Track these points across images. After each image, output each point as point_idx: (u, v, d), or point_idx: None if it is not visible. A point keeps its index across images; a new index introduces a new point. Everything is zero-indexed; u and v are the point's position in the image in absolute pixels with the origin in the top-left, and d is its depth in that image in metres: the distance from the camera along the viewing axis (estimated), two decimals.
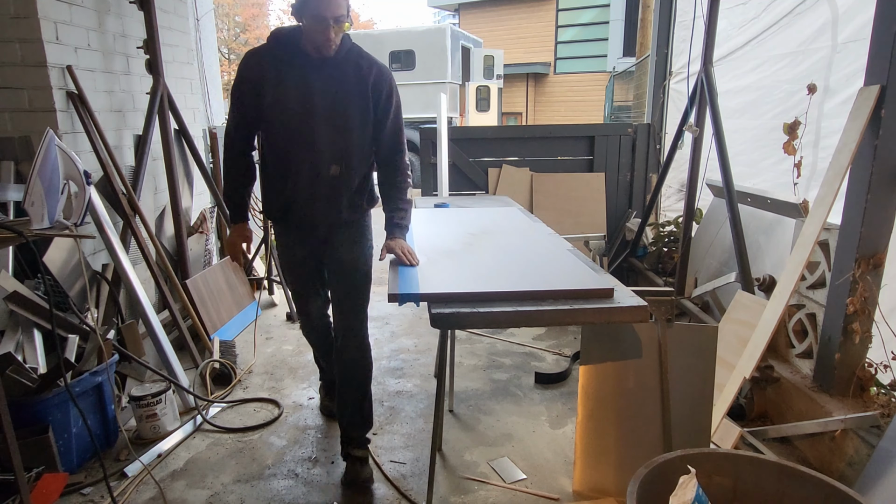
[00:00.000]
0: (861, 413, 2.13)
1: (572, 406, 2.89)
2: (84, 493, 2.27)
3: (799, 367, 2.64)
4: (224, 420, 2.82)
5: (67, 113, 2.98)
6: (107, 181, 3.09)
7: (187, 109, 4.17)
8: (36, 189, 2.27)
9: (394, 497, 2.24)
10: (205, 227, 4.07)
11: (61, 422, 2.30)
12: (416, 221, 2.92)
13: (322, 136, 2.10)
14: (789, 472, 1.59)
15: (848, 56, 2.75)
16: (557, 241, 2.39)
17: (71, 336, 2.62)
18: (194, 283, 3.58)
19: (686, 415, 2.02)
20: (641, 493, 1.48)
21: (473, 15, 20.79)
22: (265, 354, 3.59)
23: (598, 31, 18.78)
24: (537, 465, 2.42)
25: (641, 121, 5.63)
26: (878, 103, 2.10)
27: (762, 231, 3.16)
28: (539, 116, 20.16)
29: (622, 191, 4.90)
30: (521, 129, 7.00)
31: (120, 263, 2.92)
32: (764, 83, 3.43)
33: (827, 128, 2.87)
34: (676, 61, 4.57)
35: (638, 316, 1.70)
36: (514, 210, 3.17)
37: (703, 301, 3.49)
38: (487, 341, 3.76)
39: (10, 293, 2.49)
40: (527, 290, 1.77)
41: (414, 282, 1.86)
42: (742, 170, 3.44)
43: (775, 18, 3.30)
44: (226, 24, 24.10)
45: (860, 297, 2.21)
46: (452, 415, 2.84)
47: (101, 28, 3.28)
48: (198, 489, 2.30)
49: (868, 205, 2.14)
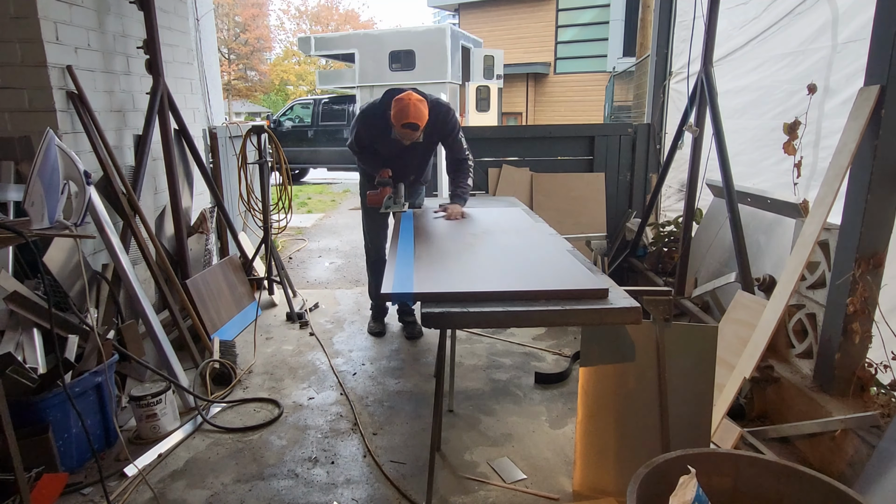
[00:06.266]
0: (861, 413, 2.13)
1: (572, 406, 2.89)
2: (84, 493, 2.27)
3: (799, 367, 2.64)
4: (224, 420, 2.82)
5: (67, 113, 2.98)
6: (107, 181, 3.09)
7: (187, 109, 4.17)
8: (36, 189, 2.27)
9: (394, 497, 2.24)
10: (205, 227, 4.07)
11: (61, 422, 2.29)
12: (418, 222, 2.93)
13: (405, 166, 3.38)
14: (789, 472, 1.59)
15: (848, 56, 2.75)
16: (557, 242, 2.39)
17: (71, 336, 2.62)
18: (194, 283, 3.58)
19: (686, 415, 2.02)
20: (641, 493, 1.48)
21: (473, 15, 20.80)
22: (265, 354, 3.59)
23: (598, 31, 18.79)
24: (537, 465, 2.42)
25: (641, 121, 5.63)
26: (878, 103, 2.09)
27: (762, 231, 3.16)
28: (539, 116, 20.17)
29: (622, 191, 4.90)
30: (521, 129, 7.01)
31: (120, 263, 2.92)
32: (764, 83, 3.43)
33: (827, 128, 2.87)
34: (676, 61, 4.57)
35: (630, 317, 1.69)
36: (516, 210, 3.18)
37: (703, 301, 3.49)
38: (487, 341, 3.76)
39: (10, 293, 2.48)
40: (520, 290, 1.77)
41: (408, 281, 1.86)
42: (742, 170, 3.44)
43: (775, 18, 3.30)
44: (226, 24, 24.10)
45: (860, 297, 2.21)
46: (452, 415, 2.84)
47: (101, 28, 3.28)
48: (198, 489, 2.30)
49: (868, 205, 2.14)
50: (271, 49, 28.32)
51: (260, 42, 26.36)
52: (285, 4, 58.07)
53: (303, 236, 7.24)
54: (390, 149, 3.28)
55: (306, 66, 27.24)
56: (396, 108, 2.96)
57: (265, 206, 4.39)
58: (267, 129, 4.29)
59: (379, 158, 3.37)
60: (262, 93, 27.49)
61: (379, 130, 3.22)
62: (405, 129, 2.99)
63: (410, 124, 2.95)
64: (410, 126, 2.96)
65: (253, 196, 4.47)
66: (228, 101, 24.53)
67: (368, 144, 3.35)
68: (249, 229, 5.07)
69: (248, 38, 25.35)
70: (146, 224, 3.29)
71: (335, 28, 28.17)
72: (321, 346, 3.70)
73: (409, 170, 3.44)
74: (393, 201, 3.23)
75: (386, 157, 3.35)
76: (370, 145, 3.36)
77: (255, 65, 26.32)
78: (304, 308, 4.31)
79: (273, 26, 28.70)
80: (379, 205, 3.25)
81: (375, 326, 3.94)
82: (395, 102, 2.98)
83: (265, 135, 4.30)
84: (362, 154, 3.42)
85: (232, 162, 4.84)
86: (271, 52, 28.46)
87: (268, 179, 4.45)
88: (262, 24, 26.44)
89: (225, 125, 4.93)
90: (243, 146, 4.37)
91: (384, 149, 3.32)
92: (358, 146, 3.38)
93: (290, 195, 4.45)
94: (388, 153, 3.33)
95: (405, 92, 3.03)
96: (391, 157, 3.34)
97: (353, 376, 3.28)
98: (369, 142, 3.33)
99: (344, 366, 3.42)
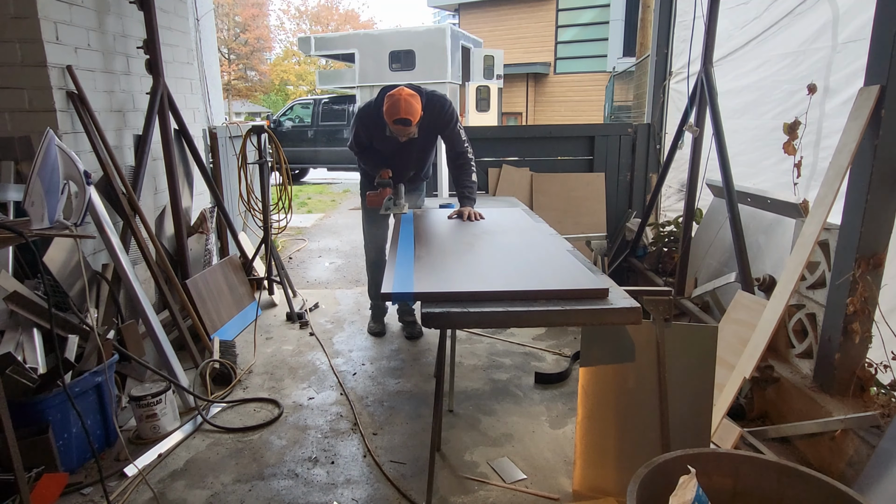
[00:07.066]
0: (861, 413, 2.13)
1: (572, 406, 2.89)
2: (84, 493, 2.27)
3: (799, 367, 2.64)
4: (224, 420, 2.82)
5: (67, 113, 2.98)
6: (107, 181, 3.09)
7: (187, 109, 4.17)
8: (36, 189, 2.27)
9: (394, 497, 2.24)
10: (205, 227, 4.07)
11: (61, 422, 2.29)
12: (418, 222, 2.92)
13: (404, 163, 3.39)
14: (789, 472, 1.59)
15: (848, 56, 2.74)
16: (557, 242, 2.39)
17: (71, 336, 2.62)
18: (194, 283, 3.58)
19: (686, 415, 2.02)
20: (641, 493, 1.48)
21: (473, 15, 20.80)
22: (265, 354, 3.59)
23: (598, 31, 18.79)
24: (537, 465, 2.42)
25: (641, 121, 5.63)
26: (878, 103, 2.09)
27: (762, 231, 3.16)
28: (539, 116, 20.17)
29: (622, 191, 4.90)
30: (521, 129, 7.01)
31: (120, 263, 2.92)
32: (764, 83, 3.43)
33: (827, 128, 2.87)
34: (676, 61, 4.56)
35: (630, 317, 1.69)
36: (517, 210, 3.18)
37: (703, 301, 3.49)
38: (487, 341, 3.76)
39: (10, 293, 2.48)
40: (520, 289, 1.76)
41: (408, 281, 1.86)
42: (742, 170, 3.43)
43: (776, 18, 3.30)
44: (226, 24, 24.10)
45: (860, 297, 2.21)
46: (452, 415, 2.84)
47: (101, 28, 3.28)
48: (198, 489, 2.30)
49: (868, 205, 2.14)
50: (271, 49, 28.35)
51: (260, 42, 26.37)
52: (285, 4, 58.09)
53: (303, 236, 7.24)
54: (388, 146, 3.27)
55: (306, 66, 27.25)
56: (388, 104, 2.92)
57: (265, 206, 4.39)
58: (267, 129, 4.29)
59: (379, 158, 3.35)
60: (262, 93, 27.49)
61: (376, 128, 3.20)
62: (398, 126, 2.95)
63: (402, 120, 2.90)
64: (402, 122, 2.91)
65: (253, 196, 4.47)
66: (228, 101, 24.54)
67: (367, 144, 3.34)
68: (249, 229, 5.08)
69: (248, 38, 25.35)
70: (146, 224, 3.29)
71: (335, 28, 28.18)
72: (321, 346, 3.70)
73: (409, 166, 3.43)
74: (393, 202, 3.21)
75: (385, 155, 3.34)
76: (369, 144, 3.35)
77: (255, 65, 26.32)
78: (304, 308, 4.31)
79: (273, 26, 28.74)
80: (379, 206, 3.24)
81: (375, 326, 3.94)
82: (387, 99, 2.94)
83: (265, 135, 4.31)
84: (363, 154, 3.41)
85: (232, 162, 4.84)
86: (271, 52, 28.49)
87: (268, 179, 4.45)
88: (262, 24, 26.44)
89: (225, 125, 4.93)
90: (243, 146, 4.37)
91: (383, 146, 3.30)
92: (358, 146, 3.38)
93: (290, 195, 4.45)
94: (387, 151, 3.32)
95: (397, 88, 2.99)
96: (390, 155, 3.33)
97: (353, 376, 3.28)
98: (368, 141, 3.32)
99: (344, 366, 3.42)
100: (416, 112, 2.92)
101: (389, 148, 3.28)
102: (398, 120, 2.91)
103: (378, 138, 3.25)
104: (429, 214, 3.14)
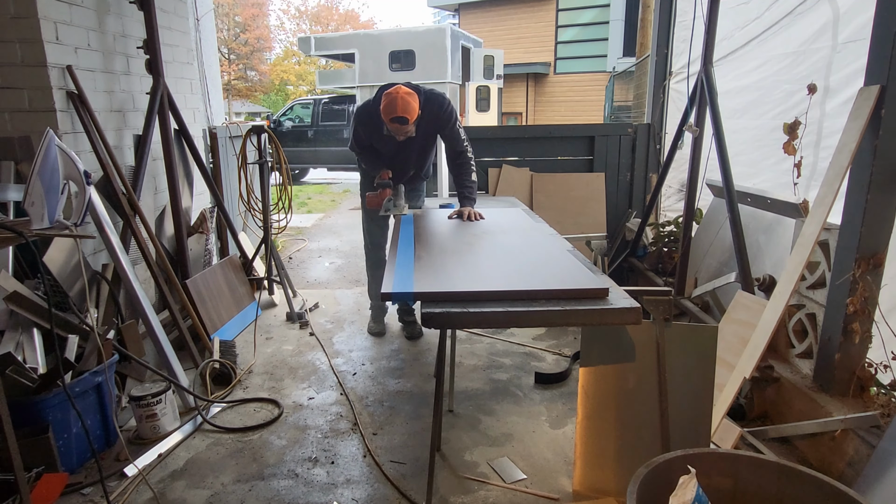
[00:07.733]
0: (861, 413, 2.13)
1: (572, 406, 2.89)
2: (84, 493, 2.27)
3: (799, 367, 2.64)
4: (224, 420, 2.82)
5: (67, 113, 2.97)
6: (107, 181, 3.09)
7: (187, 109, 4.17)
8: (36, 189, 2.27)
9: (394, 497, 2.24)
10: (205, 227, 4.07)
11: (61, 422, 2.29)
12: (419, 222, 2.92)
13: (404, 163, 3.40)
14: (789, 472, 1.59)
15: (848, 56, 2.75)
16: (557, 242, 2.39)
17: (71, 336, 2.62)
18: (194, 283, 3.58)
19: (686, 415, 2.02)
20: (641, 493, 1.48)
21: (473, 15, 20.80)
22: (265, 354, 3.59)
23: (598, 31, 18.79)
24: (537, 465, 2.42)
25: (641, 121, 5.63)
26: (878, 103, 2.09)
27: (762, 231, 3.16)
28: (539, 116, 20.17)
29: (622, 191, 4.90)
30: (521, 129, 7.01)
31: (120, 263, 2.92)
32: (764, 83, 3.43)
33: (827, 128, 2.87)
34: (676, 61, 4.56)
35: (630, 317, 1.69)
36: (517, 210, 3.18)
37: (703, 301, 3.49)
38: (487, 341, 3.76)
39: (10, 293, 2.48)
40: (520, 289, 1.76)
41: (409, 281, 1.86)
42: (742, 170, 3.43)
43: (776, 18, 3.30)
44: (226, 24, 24.09)
45: (860, 297, 2.21)
46: (452, 415, 2.84)
47: (101, 28, 3.28)
48: (198, 489, 2.30)
49: (868, 205, 2.14)
50: (271, 49, 28.33)
51: (260, 42, 26.35)
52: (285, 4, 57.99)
53: (303, 236, 7.24)
54: (387, 145, 3.26)
55: (306, 66, 27.24)
56: (384, 102, 2.90)
57: (265, 206, 4.39)
58: (267, 129, 4.29)
59: (379, 157, 3.35)
60: (262, 93, 27.48)
61: (374, 127, 3.18)
62: (394, 124, 2.94)
63: (399, 118, 2.88)
64: (399, 120, 2.90)
65: (253, 196, 4.47)
66: (228, 101, 24.53)
67: (367, 143, 3.34)
68: (249, 229, 5.08)
69: (248, 38, 25.34)
70: (146, 224, 3.29)
71: (335, 28, 28.17)
72: (321, 346, 3.70)
73: (409, 166, 3.42)
74: (392, 204, 3.21)
75: (385, 155, 3.34)
76: (369, 144, 3.34)
77: (255, 65, 26.31)
78: (304, 308, 4.31)
79: (273, 26, 28.72)
80: (378, 207, 3.24)
81: (375, 326, 3.94)
82: (384, 97, 2.92)
83: (265, 135, 4.30)
84: (363, 154, 3.40)
85: (232, 162, 4.84)
86: (271, 52, 28.47)
87: (268, 179, 4.45)
88: (262, 24, 26.43)
89: (225, 125, 4.93)
90: (243, 146, 4.37)
91: (381, 146, 3.30)
92: (357, 146, 3.37)
93: (290, 195, 4.45)
94: (386, 150, 3.31)
95: (395, 86, 2.97)
96: (390, 155, 3.33)
97: (353, 376, 3.28)
98: (367, 140, 3.31)
99: (344, 366, 3.42)
100: (413, 110, 2.90)
101: (388, 147, 3.28)
102: (395, 118, 2.89)
103: (377, 138, 3.24)
104: (429, 214, 3.14)
